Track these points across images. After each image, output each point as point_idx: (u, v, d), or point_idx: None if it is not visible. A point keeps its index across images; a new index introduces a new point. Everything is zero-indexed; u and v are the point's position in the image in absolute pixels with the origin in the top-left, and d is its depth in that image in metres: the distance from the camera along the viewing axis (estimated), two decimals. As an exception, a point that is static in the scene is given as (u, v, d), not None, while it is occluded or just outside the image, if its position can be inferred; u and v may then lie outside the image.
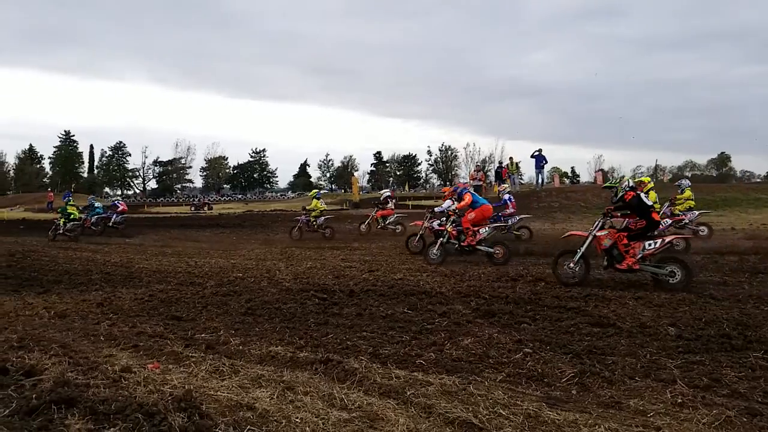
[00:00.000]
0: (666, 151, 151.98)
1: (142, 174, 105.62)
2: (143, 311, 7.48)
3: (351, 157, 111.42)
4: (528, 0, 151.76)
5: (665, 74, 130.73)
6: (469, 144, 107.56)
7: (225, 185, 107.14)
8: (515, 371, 4.71)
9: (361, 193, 63.90)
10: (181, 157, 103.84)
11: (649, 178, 15.11)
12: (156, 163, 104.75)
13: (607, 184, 9.59)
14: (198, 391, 3.90)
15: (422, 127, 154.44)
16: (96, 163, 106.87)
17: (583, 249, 8.76)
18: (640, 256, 8.46)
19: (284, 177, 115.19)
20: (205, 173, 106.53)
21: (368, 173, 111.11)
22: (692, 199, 16.22)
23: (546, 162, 29.22)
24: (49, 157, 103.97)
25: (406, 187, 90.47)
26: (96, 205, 23.69)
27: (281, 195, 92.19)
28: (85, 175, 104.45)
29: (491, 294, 8.04)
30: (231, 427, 3.32)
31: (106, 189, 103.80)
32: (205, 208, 51.23)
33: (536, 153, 28.45)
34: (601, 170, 63.36)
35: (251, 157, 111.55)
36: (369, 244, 16.97)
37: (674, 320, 6.36)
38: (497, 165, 36.56)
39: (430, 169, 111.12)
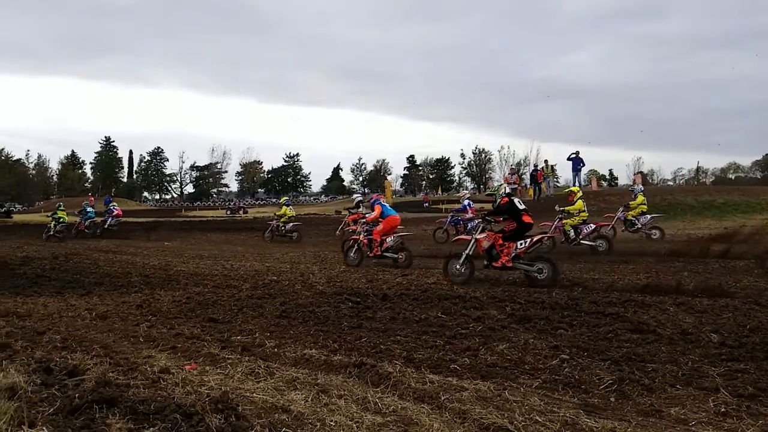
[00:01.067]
0: (708, 153, 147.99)
1: (179, 178, 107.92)
2: (181, 313, 7.62)
3: (384, 160, 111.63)
4: (564, 0, 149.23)
5: (707, 74, 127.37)
6: (504, 147, 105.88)
7: (260, 189, 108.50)
8: (552, 377, 4.63)
9: (394, 196, 63.93)
10: (217, 162, 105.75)
11: (578, 188, 16.65)
12: (193, 167, 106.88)
13: (488, 192, 10.60)
14: (234, 393, 3.94)
15: (456, 129, 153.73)
16: (135, 168, 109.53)
17: (467, 251, 9.63)
18: (513, 254, 9.33)
19: (317, 181, 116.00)
20: (240, 177, 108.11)
21: (401, 177, 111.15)
22: (645, 204, 17.53)
23: (583, 165, 28.67)
24: (91, 163, 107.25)
25: (439, 191, 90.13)
26: (88, 210, 25.64)
27: (314, 199, 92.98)
28: (125, 179, 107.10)
29: (527, 299, 7.93)
30: (267, 429, 3.34)
31: (145, 193, 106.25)
32: (241, 212, 52.05)
33: (573, 155, 28.00)
34: (640, 173, 61.96)
35: (285, 161, 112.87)
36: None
37: (717, 327, 6.17)
38: (532, 168, 36.18)
39: (464, 172, 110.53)
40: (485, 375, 4.68)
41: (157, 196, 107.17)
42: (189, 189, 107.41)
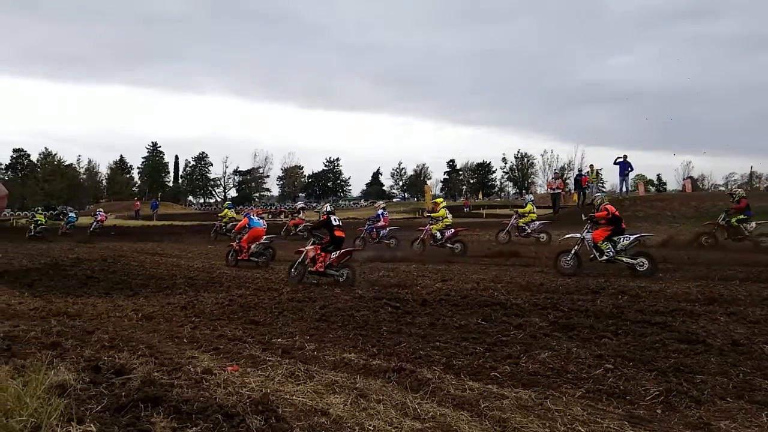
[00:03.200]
0: (764, 157, 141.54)
1: (223, 183, 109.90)
2: (223, 315, 7.74)
3: (424, 165, 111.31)
4: (612, 1, 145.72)
5: (763, 75, 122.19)
6: (547, 151, 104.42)
7: (300, 194, 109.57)
8: (595, 387, 4.52)
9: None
10: (259, 167, 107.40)
11: (441, 198, 19.33)
12: (236, 172, 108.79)
13: (316, 210, 12.11)
14: (274, 395, 3.98)
15: (498, 134, 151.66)
16: (180, 173, 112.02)
17: (300, 259, 11.29)
18: (328, 262, 10.88)
19: (357, 185, 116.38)
20: (281, 182, 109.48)
21: (441, 181, 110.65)
22: (534, 213, 19.89)
23: (631, 169, 27.76)
24: (138, 167, 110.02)
25: (480, 196, 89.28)
26: (70, 215, 30.54)
27: (354, 203, 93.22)
28: (171, 184, 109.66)
29: (570, 306, 7.78)
30: (306, 432, 3.36)
31: (190, 197, 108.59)
32: (282, 216, 52.68)
33: (620, 160, 27.25)
34: (690, 178, 60.00)
35: (325, 166, 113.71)
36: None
37: (771, 338, 5.93)
38: (576, 173, 35.47)
39: (505, 177, 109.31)
40: (526, 383, 4.60)
41: (202, 200, 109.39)
42: (232, 193, 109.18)
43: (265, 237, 15.15)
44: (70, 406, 3.42)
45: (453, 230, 17.25)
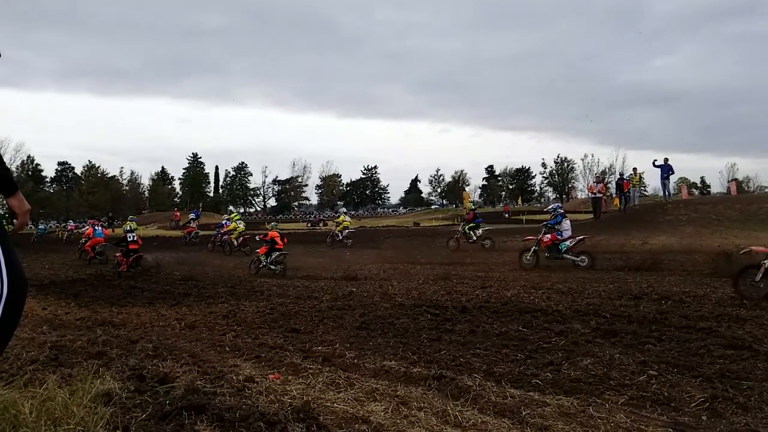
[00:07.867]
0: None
1: (262, 192, 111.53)
2: (264, 323, 7.85)
3: (462, 171, 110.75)
4: (654, 1, 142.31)
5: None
6: (587, 155, 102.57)
7: (339, 202, 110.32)
8: (639, 394, 4.43)
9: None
10: (298, 176, 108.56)
11: (236, 214, 25.58)
12: (275, 181, 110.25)
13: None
14: (315, 403, 4.01)
15: (537, 138, 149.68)
16: (221, 183, 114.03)
17: (115, 262, 16.32)
18: (128, 264, 15.87)
19: (395, 193, 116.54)
20: (320, 191, 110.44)
21: (480, 187, 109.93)
22: (347, 221, 26.88)
23: (672, 172, 27.10)
24: (179, 178, 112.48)
25: (519, 201, 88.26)
26: (41, 227, 40.12)
27: (392, 211, 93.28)
28: (211, 194, 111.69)
29: (612, 312, 7.64)
30: (347, 440, 3.38)
31: (230, 207, 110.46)
32: (320, 224, 53.18)
33: (660, 163, 26.62)
34: (735, 180, 58.06)
35: (363, 174, 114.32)
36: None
37: (825, 344, 5.71)
38: (618, 177, 34.79)
39: (545, 182, 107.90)
40: (568, 390, 4.54)
41: (242, 210, 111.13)
42: (272, 202, 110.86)
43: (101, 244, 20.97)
44: (116, 414, 3.50)
45: (242, 238, 23.59)
